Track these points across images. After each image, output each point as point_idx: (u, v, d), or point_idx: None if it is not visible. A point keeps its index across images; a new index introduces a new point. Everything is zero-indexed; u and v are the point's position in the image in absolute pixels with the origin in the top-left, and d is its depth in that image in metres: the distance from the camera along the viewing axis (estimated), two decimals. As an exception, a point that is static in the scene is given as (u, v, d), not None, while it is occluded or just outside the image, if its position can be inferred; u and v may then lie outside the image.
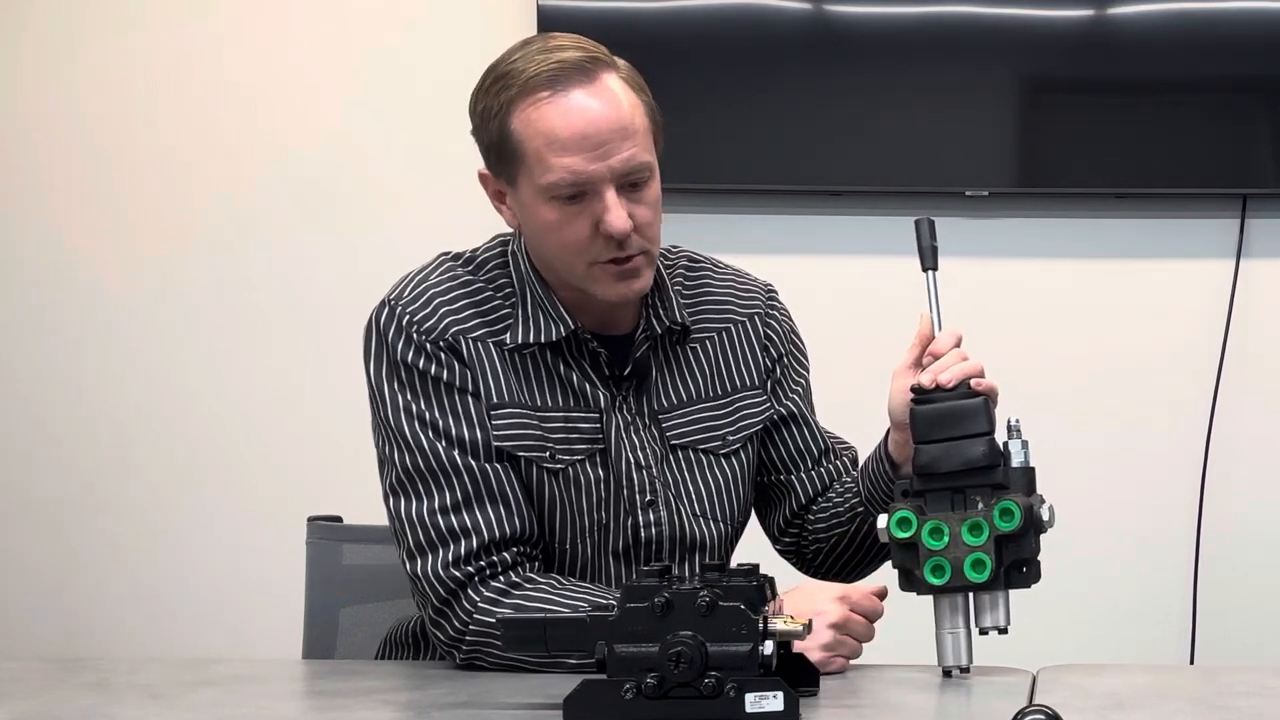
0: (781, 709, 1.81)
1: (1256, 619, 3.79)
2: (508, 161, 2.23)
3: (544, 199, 2.21)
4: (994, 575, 2.08)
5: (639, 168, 2.21)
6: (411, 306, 2.27)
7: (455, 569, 2.20)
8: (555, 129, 2.18)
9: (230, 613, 3.98)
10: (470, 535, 2.21)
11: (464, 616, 2.19)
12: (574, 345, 2.29)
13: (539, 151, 2.19)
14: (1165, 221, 3.82)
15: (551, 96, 2.19)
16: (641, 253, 2.23)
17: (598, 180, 2.19)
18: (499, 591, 2.19)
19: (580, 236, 2.21)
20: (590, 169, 2.18)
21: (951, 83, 3.77)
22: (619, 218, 2.19)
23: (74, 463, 4.05)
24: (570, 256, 2.23)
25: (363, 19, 3.97)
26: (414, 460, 2.23)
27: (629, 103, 2.21)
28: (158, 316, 4.02)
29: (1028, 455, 2.11)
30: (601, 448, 2.28)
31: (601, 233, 2.20)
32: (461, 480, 2.22)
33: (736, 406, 2.38)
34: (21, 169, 4.05)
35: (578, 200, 2.20)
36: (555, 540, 2.28)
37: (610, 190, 2.19)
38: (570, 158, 2.18)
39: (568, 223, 2.21)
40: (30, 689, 2.14)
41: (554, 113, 2.18)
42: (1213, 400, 3.79)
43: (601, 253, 2.21)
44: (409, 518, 2.23)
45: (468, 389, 2.25)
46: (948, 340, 2.20)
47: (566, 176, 2.18)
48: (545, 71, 2.19)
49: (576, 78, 2.19)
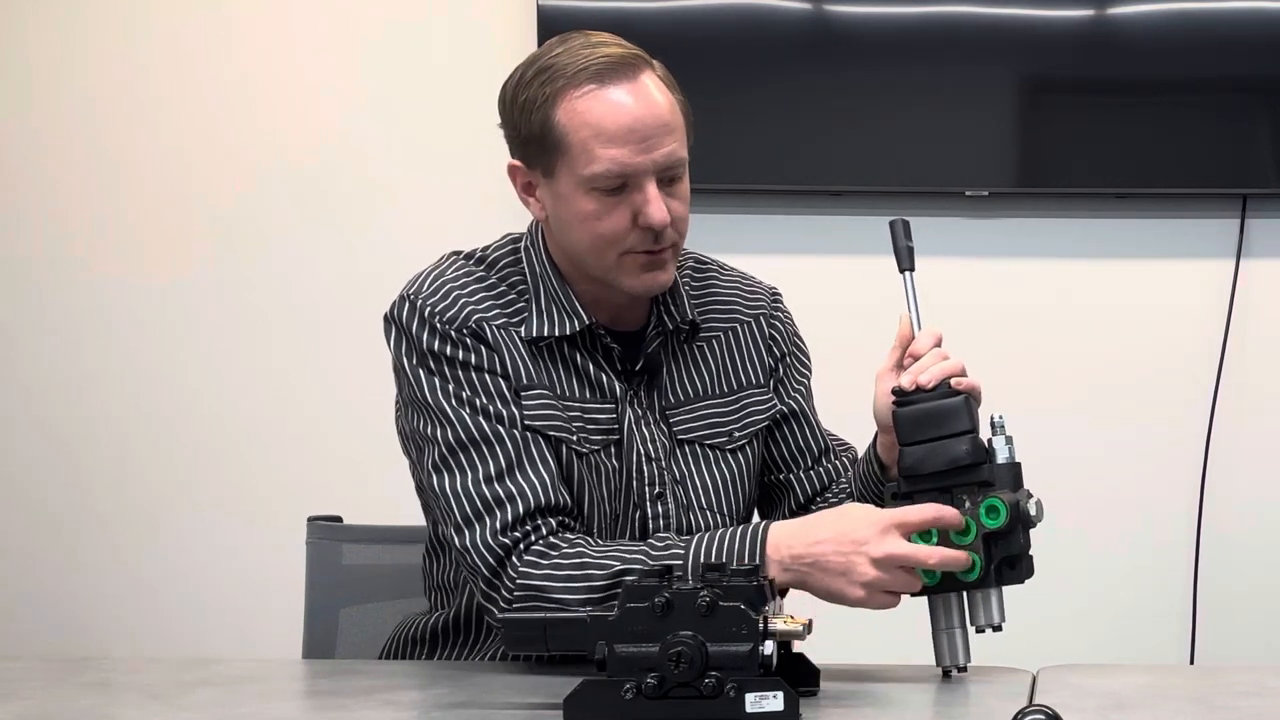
0: (781, 709, 1.81)
1: (1256, 619, 3.79)
2: (549, 152, 2.26)
3: (585, 189, 2.25)
4: (984, 573, 2.08)
5: (678, 162, 2.26)
6: (431, 299, 2.29)
7: (503, 535, 2.21)
8: (602, 121, 2.22)
9: (230, 613, 3.98)
10: (516, 500, 2.22)
11: (510, 585, 2.20)
12: (588, 340, 2.32)
13: (585, 143, 2.23)
14: (1165, 221, 3.82)
15: (598, 90, 2.23)
16: (671, 245, 2.28)
17: (641, 173, 2.23)
18: (539, 554, 2.20)
19: (619, 227, 2.25)
20: (636, 161, 2.23)
21: (951, 83, 3.77)
22: (660, 210, 2.24)
23: (74, 463, 4.05)
24: (604, 246, 2.27)
25: (363, 19, 3.97)
26: (454, 433, 2.25)
27: (670, 101, 2.27)
28: (158, 316, 4.02)
29: (1013, 451, 2.11)
30: (617, 438, 2.31)
31: (640, 224, 2.24)
32: (504, 447, 2.24)
33: (743, 403, 2.40)
34: (23, 168, 4.05)
35: (618, 192, 2.24)
36: (579, 524, 2.30)
37: (652, 183, 2.24)
38: (617, 149, 2.22)
39: (606, 213, 2.25)
40: (30, 689, 2.14)
41: (601, 105, 2.23)
42: (1213, 400, 3.79)
43: (637, 244, 2.26)
44: (454, 492, 2.24)
45: (496, 370, 2.27)
46: (927, 340, 2.22)
47: (613, 168, 2.23)
48: (592, 66, 2.24)
49: (621, 72, 2.24)
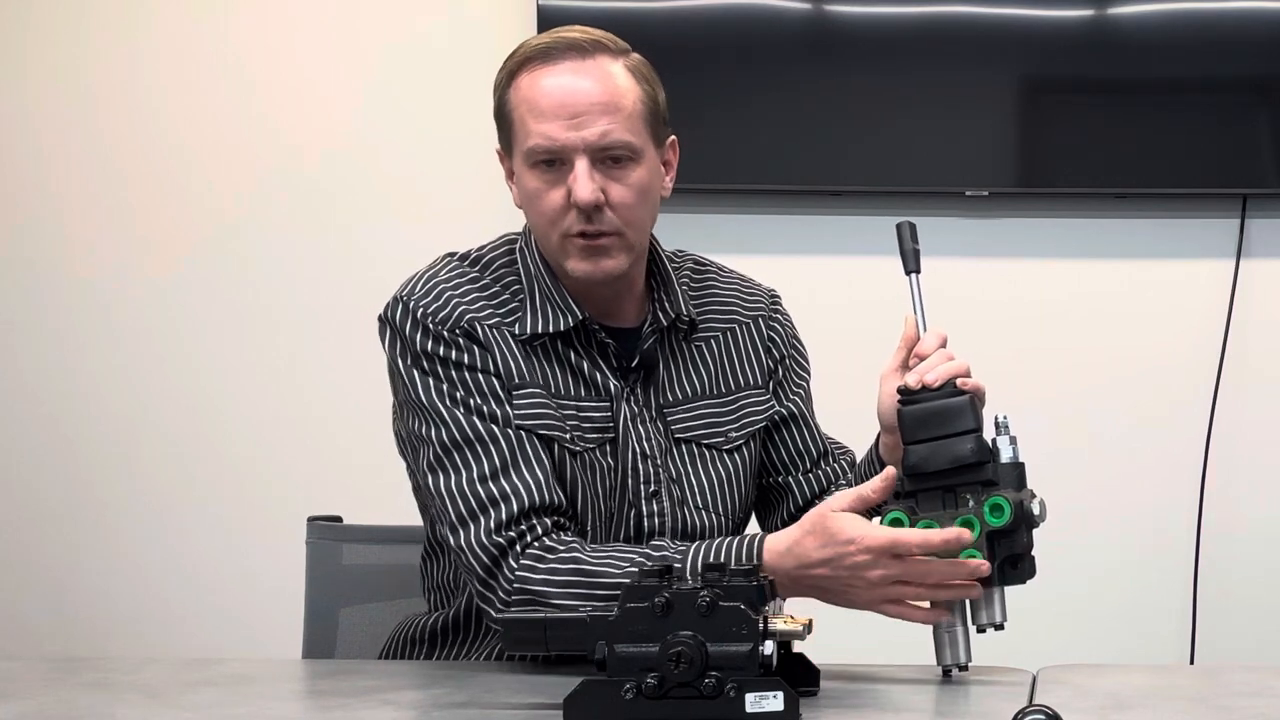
0: (781, 709, 1.81)
1: (1256, 619, 3.79)
2: (505, 131, 2.31)
3: (527, 166, 2.27)
4: (987, 572, 2.08)
5: (617, 144, 2.25)
6: (424, 300, 2.29)
7: (497, 535, 2.21)
8: (537, 96, 2.25)
9: (230, 613, 3.98)
10: (510, 499, 2.22)
11: (507, 585, 2.20)
12: (582, 336, 2.32)
13: (523, 118, 2.26)
14: (1165, 221, 3.82)
15: (541, 67, 2.26)
16: (615, 233, 2.26)
17: (570, 149, 2.24)
18: (535, 558, 2.20)
19: (555, 206, 2.26)
20: (563, 136, 2.23)
21: (951, 83, 3.77)
22: (585, 188, 2.23)
23: (74, 462, 4.05)
24: (546, 226, 2.28)
25: (363, 19, 3.97)
26: (448, 433, 2.25)
27: (624, 86, 2.26)
28: (158, 316, 4.02)
29: (1017, 451, 2.11)
30: (612, 436, 2.31)
31: (570, 203, 2.24)
32: (498, 446, 2.24)
33: (740, 403, 2.40)
34: (27, 167, 4.05)
35: (555, 169, 2.25)
36: (576, 521, 2.30)
37: (582, 160, 2.24)
38: (547, 124, 2.24)
39: (545, 192, 2.26)
40: (30, 689, 2.14)
41: (540, 82, 2.25)
42: (1213, 400, 3.79)
43: (572, 225, 2.25)
44: (449, 491, 2.25)
45: (489, 369, 2.27)
46: (933, 341, 2.21)
47: (541, 142, 2.24)
48: (542, 44, 2.28)
49: (571, 54, 2.26)
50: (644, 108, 2.27)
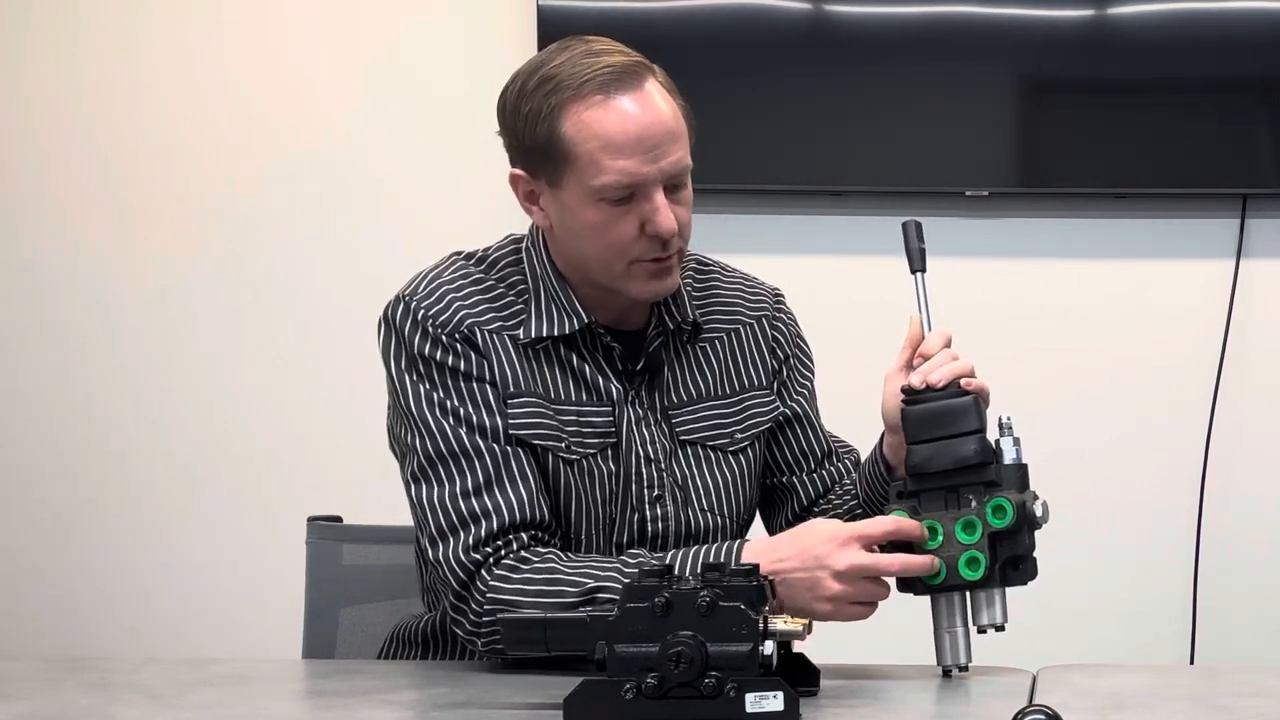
0: (781, 709, 1.81)
1: (1256, 619, 3.79)
2: (554, 163, 2.25)
3: (592, 200, 2.24)
4: (989, 573, 2.08)
5: (684, 169, 2.27)
6: (426, 301, 2.29)
7: (475, 551, 2.21)
8: (610, 132, 2.22)
9: (230, 613, 3.98)
10: (491, 517, 2.22)
11: (479, 598, 2.20)
12: (587, 339, 2.32)
13: (593, 154, 2.22)
14: (1165, 221, 3.82)
15: (605, 100, 2.23)
16: (677, 251, 2.29)
17: (649, 182, 2.23)
18: (509, 569, 2.20)
19: (626, 237, 2.25)
20: (644, 171, 2.23)
21: (951, 83, 3.77)
22: (668, 219, 2.24)
23: (74, 463, 4.05)
24: (612, 256, 2.26)
25: (362, 19, 3.97)
26: (434, 445, 2.25)
27: (671, 107, 2.27)
28: (158, 316, 4.02)
29: (1020, 452, 2.11)
30: (613, 441, 2.30)
31: (648, 233, 2.24)
32: (483, 462, 2.24)
33: (745, 405, 2.40)
34: (24, 167, 4.05)
35: (625, 201, 2.24)
36: (568, 530, 2.29)
37: (659, 192, 2.24)
38: (625, 160, 2.22)
39: (614, 223, 2.25)
40: (30, 689, 2.14)
41: (608, 117, 2.22)
42: (1213, 400, 3.79)
43: (645, 252, 2.26)
44: (429, 503, 2.25)
45: (485, 378, 2.27)
46: (937, 341, 2.22)
47: (622, 179, 2.22)
48: (597, 76, 2.23)
49: (627, 81, 2.24)
50: (687, 125, 2.29)
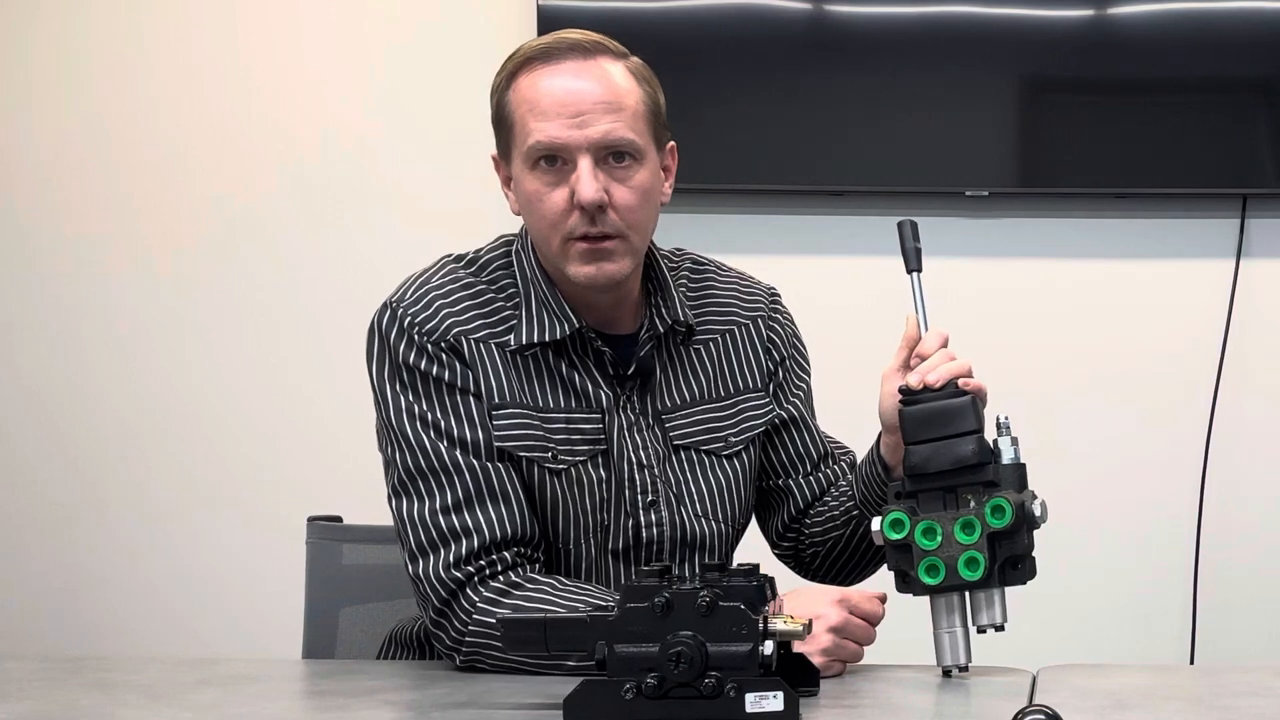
0: (781, 709, 1.81)
1: (1256, 619, 3.79)
2: (504, 134, 2.28)
3: (527, 168, 2.24)
4: (988, 573, 2.08)
5: (620, 142, 2.23)
6: (413, 308, 2.27)
7: (456, 569, 2.20)
8: (538, 95, 2.23)
9: (230, 613, 3.98)
10: (471, 535, 2.21)
11: (464, 616, 2.19)
12: (578, 344, 2.30)
13: (524, 118, 2.24)
14: (1165, 221, 3.82)
15: (542, 67, 2.24)
16: (617, 235, 2.24)
17: (573, 148, 2.22)
18: (498, 592, 2.19)
19: (557, 208, 2.23)
20: (565, 135, 2.21)
21: (951, 83, 3.77)
22: (589, 187, 2.21)
23: (74, 463, 4.05)
24: (547, 230, 2.25)
25: (363, 19, 3.97)
26: (415, 460, 2.23)
27: (626, 86, 2.25)
28: (158, 316, 4.02)
29: (1018, 452, 2.11)
30: (604, 448, 2.28)
31: (574, 204, 2.22)
32: (463, 479, 2.22)
33: (740, 408, 2.38)
34: (27, 167, 4.05)
35: (556, 169, 2.23)
36: (558, 540, 2.28)
37: (585, 160, 2.21)
38: (549, 122, 2.21)
39: (546, 193, 2.23)
40: (30, 689, 2.14)
41: (541, 81, 2.23)
42: (1213, 400, 3.79)
43: (575, 227, 2.23)
44: (410, 519, 2.23)
45: (469, 389, 2.25)
46: (934, 341, 2.20)
47: (543, 139, 2.21)
48: (542, 45, 2.26)
49: (572, 54, 2.24)
50: (645, 108, 2.26)
